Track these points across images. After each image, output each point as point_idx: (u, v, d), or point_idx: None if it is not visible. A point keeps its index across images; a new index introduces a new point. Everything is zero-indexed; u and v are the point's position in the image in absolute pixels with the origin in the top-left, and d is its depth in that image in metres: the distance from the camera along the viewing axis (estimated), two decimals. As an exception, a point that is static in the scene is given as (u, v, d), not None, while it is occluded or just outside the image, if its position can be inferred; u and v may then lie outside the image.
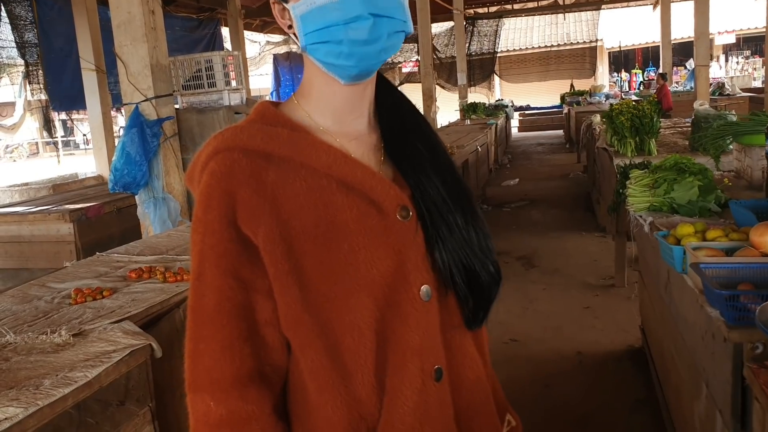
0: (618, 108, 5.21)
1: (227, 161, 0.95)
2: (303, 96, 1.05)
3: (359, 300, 0.96)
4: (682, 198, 2.79)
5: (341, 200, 0.96)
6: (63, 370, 1.63)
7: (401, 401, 0.97)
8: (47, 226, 5.27)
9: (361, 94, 1.04)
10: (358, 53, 0.94)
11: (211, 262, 0.94)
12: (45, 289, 2.46)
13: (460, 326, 1.06)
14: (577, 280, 5.39)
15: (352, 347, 0.96)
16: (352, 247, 0.95)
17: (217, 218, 0.94)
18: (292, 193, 0.95)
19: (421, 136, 1.08)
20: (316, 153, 0.97)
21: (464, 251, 1.03)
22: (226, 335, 0.94)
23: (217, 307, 0.94)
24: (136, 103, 4.61)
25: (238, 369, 0.95)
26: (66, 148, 24.23)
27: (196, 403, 0.96)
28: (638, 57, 23.29)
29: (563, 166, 11.86)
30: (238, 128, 0.99)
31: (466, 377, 1.07)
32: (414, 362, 0.98)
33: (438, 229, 1.01)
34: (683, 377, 2.43)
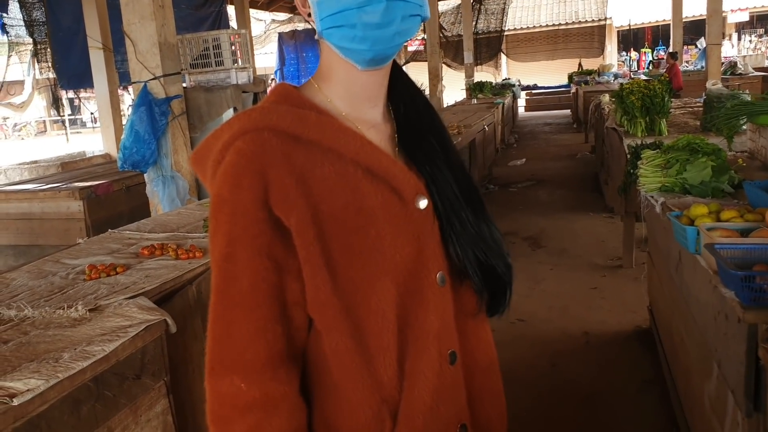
0: (628, 87, 5.16)
1: (258, 141, 0.94)
2: (322, 80, 1.05)
3: (384, 284, 0.98)
4: (694, 178, 2.77)
5: (367, 187, 0.98)
6: (81, 344, 1.65)
7: (422, 383, 1.00)
8: (57, 203, 5.29)
9: (379, 83, 1.05)
10: (372, 37, 0.95)
11: (243, 243, 0.93)
12: (59, 265, 2.48)
13: (474, 313, 1.09)
14: (584, 261, 5.39)
15: (375, 330, 0.98)
16: (378, 233, 0.97)
17: (248, 199, 0.92)
18: (320, 177, 0.95)
19: (435, 133, 1.10)
20: (345, 138, 0.98)
21: (477, 245, 1.06)
22: (260, 316, 0.94)
23: (252, 288, 0.93)
24: (145, 81, 4.60)
25: (271, 350, 0.94)
26: (73, 127, 24.23)
27: (224, 386, 0.94)
28: (648, 36, 23.07)
29: (571, 146, 11.82)
30: (266, 109, 0.98)
31: (480, 361, 1.11)
32: (434, 346, 1.01)
33: (451, 222, 1.04)
34: (693, 358, 2.44)
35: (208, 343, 0.95)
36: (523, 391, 3.31)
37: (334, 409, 1.00)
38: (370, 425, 0.99)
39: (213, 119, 5.06)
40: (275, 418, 0.94)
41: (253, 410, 0.93)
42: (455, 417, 1.06)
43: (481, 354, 1.11)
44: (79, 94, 12.03)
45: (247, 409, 0.93)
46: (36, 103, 19.62)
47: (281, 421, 0.95)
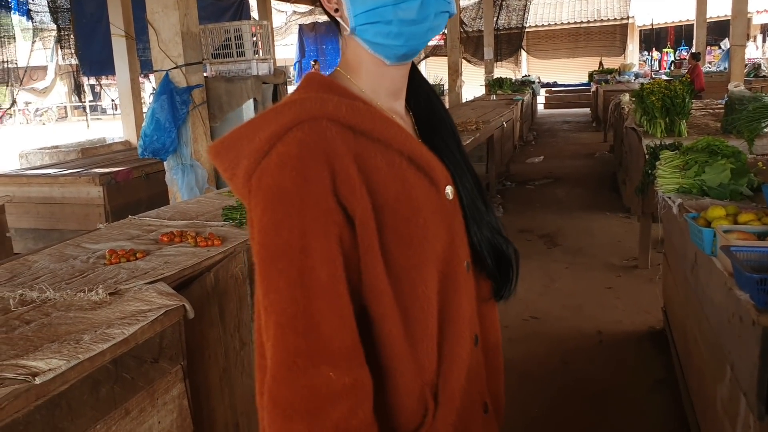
0: (649, 87, 5.14)
1: (318, 130, 0.93)
2: (352, 72, 1.06)
3: (429, 272, 1.00)
4: (713, 180, 2.77)
5: (412, 177, 1.00)
6: (101, 327, 1.68)
7: (458, 366, 1.04)
8: (77, 188, 5.37)
9: (403, 77, 1.08)
10: (407, 33, 0.97)
11: (316, 234, 0.90)
12: (80, 249, 2.52)
13: (488, 298, 1.16)
14: (599, 260, 5.38)
15: (421, 317, 1.00)
16: (425, 222, 0.99)
17: (317, 190, 0.91)
18: (375, 168, 0.96)
19: (448, 128, 1.15)
20: (392, 129, 0.99)
21: (491, 232, 1.12)
22: (342, 304, 0.92)
23: (331, 277, 0.91)
24: (167, 70, 4.65)
25: (353, 337, 0.93)
26: (93, 113, 24.44)
27: (310, 378, 0.90)
28: (671, 35, 22.84)
29: (589, 145, 11.76)
30: (318, 98, 0.96)
31: (491, 342, 1.19)
32: (467, 329, 1.06)
33: (472, 211, 1.10)
34: (706, 359, 2.43)
35: (285, 338, 0.91)
36: (535, 388, 3.32)
37: (382, 394, 1.01)
38: (415, 407, 1.01)
39: (233, 109, 5.11)
40: (366, 401, 0.94)
41: (345, 397, 0.91)
42: (479, 396, 1.12)
43: (491, 336, 1.18)
44: (100, 80, 12.12)
45: (339, 397, 0.90)
46: (58, 88, 19.82)
47: (370, 404, 0.94)
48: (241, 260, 2.45)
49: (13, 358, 1.53)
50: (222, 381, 2.32)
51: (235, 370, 2.40)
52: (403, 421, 1.01)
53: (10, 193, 5.15)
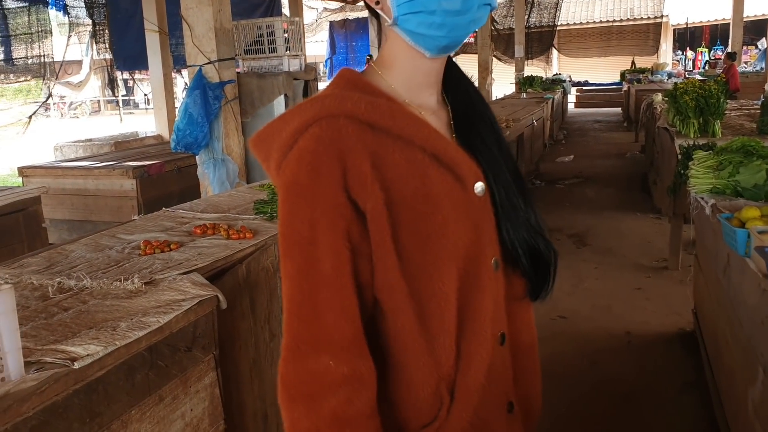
0: (682, 87, 5.08)
1: (334, 127, 0.95)
2: (385, 67, 1.07)
3: (447, 269, 1.01)
4: (747, 181, 2.73)
5: (434, 173, 1.00)
6: (137, 315, 1.72)
7: (477, 363, 1.04)
8: (111, 181, 5.46)
9: (438, 71, 1.08)
10: (450, 23, 0.98)
11: (324, 227, 0.94)
12: (115, 239, 2.57)
13: (521, 297, 1.14)
14: (629, 261, 5.33)
15: (437, 313, 1.01)
16: (444, 219, 1.00)
17: (328, 184, 0.94)
18: (392, 164, 0.97)
19: (488, 121, 1.13)
20: (414, 126, 1.00)
21: (528, 231, 1.10)
22: (344, 296, 0.95)
23: (335, 270, 0.94)
24: (200, 65, 4.70)
25: (355, 328, 0.96)
26: (126, 107, 24.80)
27: (311, 365, 0.94)
28: (706, 35, 22.47)
29: (620, 145, 11.64)
30: (339, 95, 0.99)
31: (523, 342, 1.17)
32: (488, 328, 1.05)
33: (505, 208, 1.08)
34: (738, 362, 2.41)
35: (291, 324, 0.96)
36: (562, 387, 3.31)
37: (395, 386, 1.03)
38: (429, 401, 1.02)
39: (264, 105, 5.15)
40: (363, 392, 0.96)
41: (343, 386, 0.94)
42: (504, 395, 1.11)
43: (524, 335, 1.17)
44: (133, 75, 12.29)
45: (337, 385, 0.94)
46: (92, 83, 20.14)
47: (368, 395, 0.97)
48: (272, 253, 2.48)
49: (53, 343, 1.57)
50: (252, 371, 2.35)
51: (264, 361, 2.44)
52: (417, 414, 1.03)
53: (46, 184, 5.25)
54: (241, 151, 4.99)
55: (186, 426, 1.83)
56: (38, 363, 1.47)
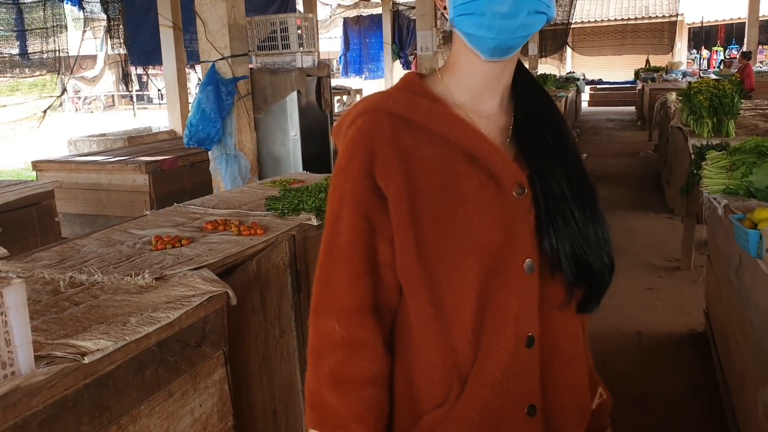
0: (696, 86, 5.04)
1: (373, 120, 1.09)
2: (447, 71, 1.16)
3: (466, 262, 1.05)
4: (761, 182, 2.71)
5: (465, 169, 1.07)
6: (147, 310, 1.73)
7: (494, 359, 1.07)
8: (124, 176, 5.49)
9: (498, 75, 1.12)
10: (498, 26, 1.02)
11: (349, 205, 1.08)
12: (127, 234, 2.59)
13: (561, 304, 1.12)
14: (641, 261, 5.30)
15: (453, 302, 1.07)
16: (467, 213, 1.05)
17: (357, 168, 1.08)
18: (422, 156, 1.07)
19: (552, 129, 1.16)
20: (450, 124, 1.08)
21: (578, 242, 1.08)
22: (354, 270, 1.08)
23: (350, 244, 1.08)
24: (213, 61, 4.72)
25: (361, 300, 1.09)
26: (140, 102, 24.92)
27: (322, 325, 1.11)
28: (721, 34, 22.27)
29: (633, 144, 11.58)
30: (385, 94, 1.12)
31: (561, 351, 1.14)
32: (510, 326, 1.07)
33: (552, 216, 1.08)
34: (749, 363, 2.39)
35: (315, 287, 1.12)
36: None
37: (412, 364, 1.13)
38: (440, 385, 1.10)
39: (277, 101, 5.16)
40: (358, 358, 1.09)
41: (341, 348, 1.09)
42: (525, 396, 1.10)
43: (563, 344, 1.14)
44: (147, 70, 12.36)
45: (337, 346, 1.09)
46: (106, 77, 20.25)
47: (363, 362, 1.10)
48: (283, 250, 2.49)
49: (63, 337, 1.59)
50: (261, 368, 2.36)
51: (274, 358, 2.45)
52: (429, 395, 1.11)
53: (59, 178, 5.29)
54: (253, 147, 5.01)
55: (195, 422, 1.84)
56: (48, 357, 1.48)
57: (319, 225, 2.74)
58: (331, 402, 1.10)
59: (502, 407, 1.09)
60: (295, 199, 2.92)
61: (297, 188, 3.17)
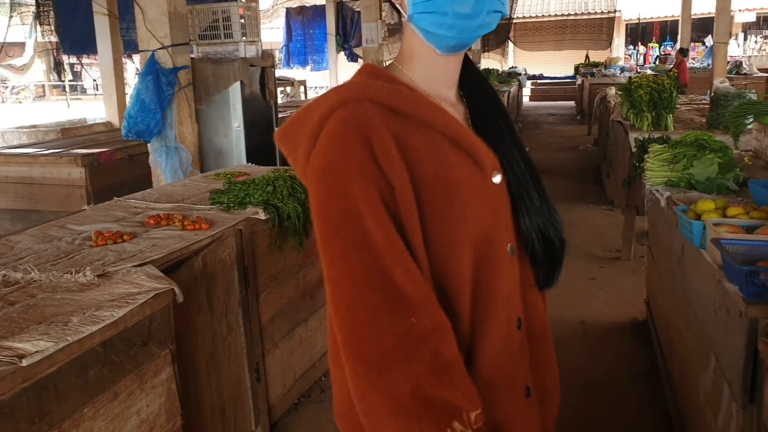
0: (637, 81, 5.16)
1: (360, 109, 1.00)
2: (404, 62, 1.14)
3: (464, 250, 1.05)
4: (701, 174, 2.79)
5: (453, 157, 1.05)
6: (90, 309, 1.66)
7: (491, 343, 1.08)
8: (59, 169, 5.28)
9: (454, 67, 1.14)
10: (459, 25, 1.04)
11: (365, 199, 0.97)
12: (65, 230, 2.48)
13: (532, 284, 1.19)
14: (583, 252, 5.41)
15: (453, 292, 1.06)
16: (462, 202, 1.04)
17: (359, 159, 0.98)
18: (413, 146, 1.02)
19: (503, 116, 1.20)
20: (434, 112, 1.05)
21: (542, 220, 1.15)
22: (405, 259, 0.98)
23: (387, 236, 0.97)
24: (153, 50, 4.57)
25: (424, 285, 0.99)
26: (73, 93, 24.04)
27: (395, 328, 0.96)
28: (656, 30, 22.96)
29: (574, 138, 11.81)
30: (361, 83, 1.05)
31: (536, 329, 1.20)
32: (503, 310, 1.09)
33: (521, 197, 1.14)
34: (691, 350, 2.46)
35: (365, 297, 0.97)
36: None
37: None
38: None
39: (219, 91, 5.04)
40: (448, 339, 1.00)
41: (429, 338, 0.97)
42: (521, 378, 1.14)
43: (536, 322, 1.20)
44: (81, 59, 11.93)
45: (424, 339, 0.97)
46: (36, 66, 19.49)
47: (452, 340, 1.00)
48: (230, 245, 2.43)
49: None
50: (209, 366, 2.30)
51: (222, 356, 2.39)
52: None
53: (-12, 172, 5.05)
54: (194, 139, 4.89)
55: (142, 422, 1.78)
56: (-16, 360, 1.40)
57: (267, 219, 2.68)
58: (440, 394, 0.97)
59: (501, 391, 1.10)
60: (241, 192, 2.85)
61: (242, 181, 3.10)
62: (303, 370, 3.10)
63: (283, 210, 2.77)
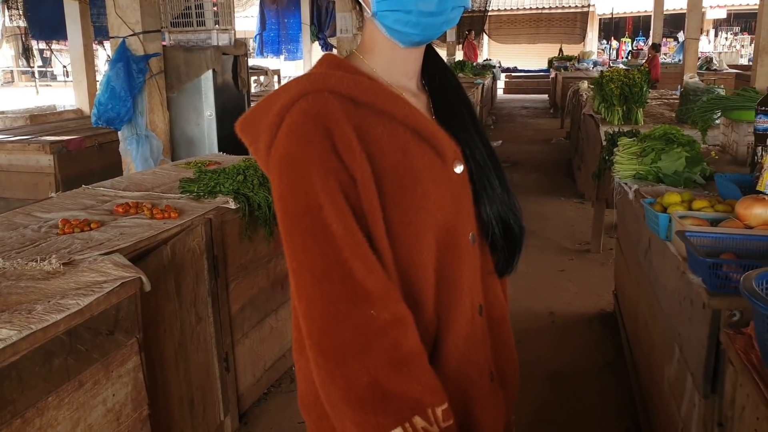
0: (608, 75, 5.21)
1: (320, 101, 1.00)
2: (366, 52, 1.13)
3: (426, 240, 1.06)
4: (668, 168, 2.82)
5: (415, 148, 1.05)
6: (55, 297, 1.64)
7: (456, 330, 1.09)
8: (26, 156, 5.18)
9: (416, 58, 1.15)
10: (424, 23, 1.04)
11: (325, 191, 0.97)
12: (31, 218, 2.44)
13: (492, 271, 1.21)
14: (553, 244, 5.47)
15: (417, 281, 1.06)
16: (424, 192, 1.05)
17: (320, 151, 0.98)
18: (374, 137, 1.02)
19: (465, 104, 1.20)
20: (395, 102, 1.05)
21: (502, 208, 1.16)
22: (365, 251, 0.99)
23: (348, 230, 0.98)
24: (123, 37, 4.51)
25: (384, 277, 1.00)
26: (43, 79, 23.56)
27: (354, 320, 0.97)
28: (629, 25, 23.18)
29: (546, 131, 11.90)
30: (322, 74, 1.05)
31: (495, 315, 1.21)
32: (466, 298, 1.11)
33: (483, 185, 1.15)
34: (656, 341, 2.50)
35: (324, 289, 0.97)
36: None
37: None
38: None
39: (191, 80, 4.99)
40: (408, 331, 1.00)
41: (388, 330, 0.98)
42: (486, 364, 1.16)
43: (496, 308, 1.22)
44: (50, 45, 11.69)
45: (382, 331, 0.97)
46: (4, 51, 19.08)
47: (413, 333, 1.01)
48: (199, 234, 2.41)
49: (-39, 327, 1.48)
50: (177, 355, 2.29)
51: (191, 345, 2.37)
52: None
53: (-47, 158, 4.94)
54: (165, 127, 4.83)
55: (108, 412, 1.76)
56: (-56, 349, 1.37)
57: (237, 209, 2.67)
58: (398, 388, 0.97)
59: (468, 377, 1.11)
60: (212, 181, 2.83)
61: (213, 170, 3.08)
62: (273, 360, 3.10)
63: (253, 199, 2.75)
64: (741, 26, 23.08)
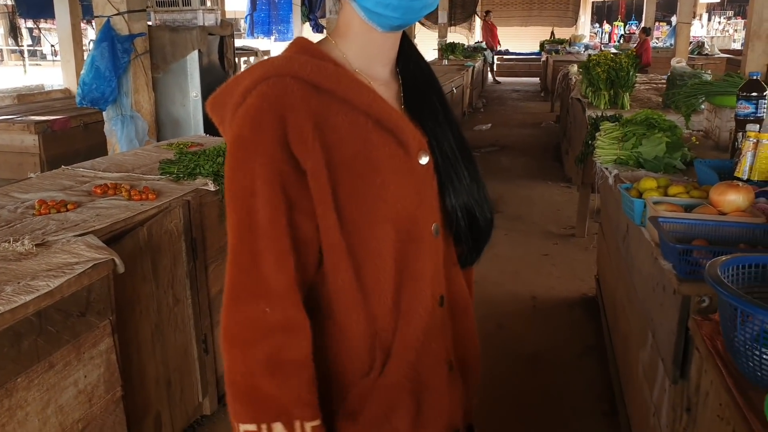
0: (595, 59, 5.20)
1: (280, 85, 1.00)
2: (339, 37, 1.11)
3: (384, 230, 1.05)
4: (649, 153, 2.83)
5: (376, 138, 1.04)
6: (25, 279, 1.63)
7: (416, 321, 1.10)
8: (11, 136, 5.14)
9: (392, 44, 1.12)
10: (405, 6, 1.02)
11: (264, 179, 0.98)
12: (8, 198, 2.43)
13: (455, 262, 1.21)
14: (539, 228, 5.49)
15: (372, 270, 1.06)
16: (383, 182, 1.04)
17: (269, 139, 0.98)
18: (334, 126, 1.02)
19: (436, 93, 1.19)
20: (358, 90, 1.04)
21: (469, 199, 1.15)
22: (279, 247, 1.00)
23: (272, 221, 0.99)
24: (108, 16, 4.47)
25: (290, 278, 1.01)
26: (32, 58, 23.28)
27: (249, 311, 1.00)
28: (622, 9, 23.09)
29: (536, 115, 11.89)
30: (287, 57, 1.04)
31: (458, 306, 1.21)
32: (427, 288, 1.11)
33: (449, 176, 1.14)
34: (632, 327, 2.52)
35: (232, 272, 1.01)
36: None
37: (333, 341, 1.09)
38: (364, 355, 1.09)
39: (177, 60, 4.95)
40: (296, 340, 1.02)
41: (277, 332, 1.00)
42: (444, 354, 1.16)
43: (458, 298, 1.21)
44: (38, 24, 11.58)
45: (271, 331, 1.00)
46: (-8, 30, 18.86)
47: (301, 343, 1.02)
48: (177, 216, 2.41)
49: (-71, 308, 1.48)
50: (154, 336, 2.29)
51: (168, 326, 2.38)
52: (353, 367, 1.09)
53: (-64, 137, 4.90)
54: (151, 108, 4.80)
55: (79, 393, 1.77)
56: None
57: (217, 191, 2.66)
58: (268, 390, 1.01)
59: (427, 367, 1.12)
60: (192, 163, 2.82)
61: (194, 152, 3.06)
62: (254, 342, 3.10)
63: (234, 182, 2.74)
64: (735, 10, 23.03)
